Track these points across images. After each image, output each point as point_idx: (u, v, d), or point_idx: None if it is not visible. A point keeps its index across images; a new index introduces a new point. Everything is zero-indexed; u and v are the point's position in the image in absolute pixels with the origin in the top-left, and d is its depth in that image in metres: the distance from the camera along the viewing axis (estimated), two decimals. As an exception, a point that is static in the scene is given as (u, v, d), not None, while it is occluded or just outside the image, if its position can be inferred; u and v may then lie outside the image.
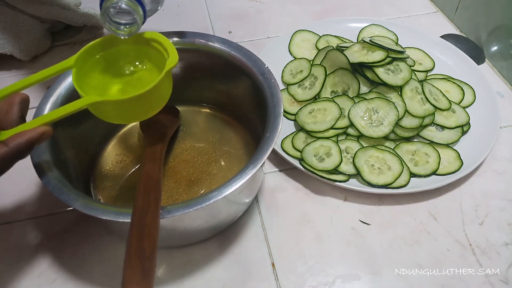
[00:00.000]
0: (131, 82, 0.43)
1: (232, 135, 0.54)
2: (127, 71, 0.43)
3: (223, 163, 0.51)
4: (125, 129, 0.55)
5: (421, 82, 0.57)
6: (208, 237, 0.47)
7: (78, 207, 0.37)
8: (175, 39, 0.50)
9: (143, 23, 0.41)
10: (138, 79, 0.43)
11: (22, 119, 0.36)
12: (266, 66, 0.47)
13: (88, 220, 0.49)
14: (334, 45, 0.63)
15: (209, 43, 0.50)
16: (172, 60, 0.39)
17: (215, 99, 0.57)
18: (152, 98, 0.39)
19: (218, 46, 0.50)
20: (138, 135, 0.55)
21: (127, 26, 0.40)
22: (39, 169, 0.39)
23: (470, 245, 0.47)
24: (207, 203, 0.36)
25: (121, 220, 0.36)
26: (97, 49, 0.42)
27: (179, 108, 0.56)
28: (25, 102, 0.37)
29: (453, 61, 0.65)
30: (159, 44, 0.41)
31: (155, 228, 0.35)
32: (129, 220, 0.35)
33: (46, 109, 0.44)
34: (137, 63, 0.43)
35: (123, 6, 0.39)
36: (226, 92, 0.54)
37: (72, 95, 0.46)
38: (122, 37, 0.41)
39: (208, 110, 0.57)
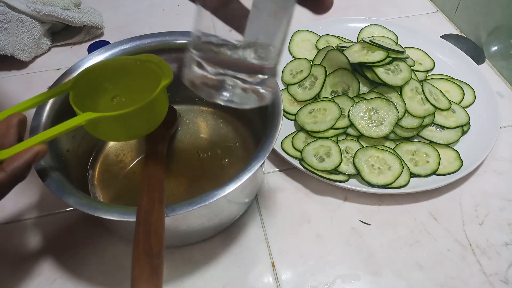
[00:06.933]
0: (129, 101, 0.44)
1: (231, 134, 0.54)
2: (124, 92, 0.44)
3: (223, 162, 0.51)
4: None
5: (421, 82, 0.57)
6: (208, 236, 0.47)
7: (81, 208, 0.37)
8: (175, 38, 0.50)
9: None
10: (135, 99, 0.43)
11: (20, 141, 0.36)
12: None
13: (88, 220, 0.49)
14: (334, 45, 0.63)
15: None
16: (167, 76, 0.40)
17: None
18: (148, 113, 0.40)
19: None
20: (138, 135, 0.55)
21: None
22: (41, 170, 0.39)
23: (470, 245, 0.47)
24: (211, 201, 0.37)
25: (125, 220, 0.36)
26: (94, 72, 0.42)
27: (178, 107, 0.56)
28: (22, 123, 0.37)
29: (453, 61, 0.65)
30: (155, 64, 0.42)
31: (161, 226, 0.35)
32: (134, 219, 0.35)
33: (45, 110, 0.44)
34: (134, 84, 0.44)
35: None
36: (226, 92, 0.54)
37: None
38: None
39: (207, 109, 0.57)
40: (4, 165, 0.34)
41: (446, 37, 0.70)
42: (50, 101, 0.45)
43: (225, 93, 0.25)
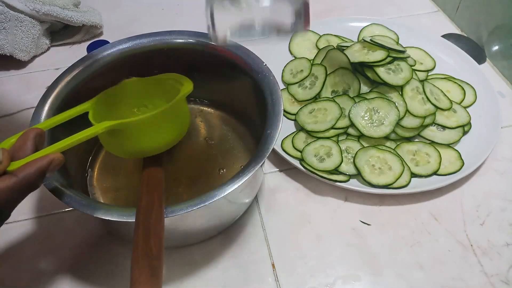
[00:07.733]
0: None
1: (231, 134, 0.54)
2: (144, 111, 0.44)
3: (222, 162, 0.51)
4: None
5: (422, 81, 0.57)
6: (208, 237, 0.47)
7: (80, 208, 0.37)
8: (174, 38, 0.50)
9: None
10: None
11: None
12: (264, 63, 0.47)
13: (88, 221, 0.48)
14: (335, 45, 0.63)
15: (207, 41, 0.50)
16: (187, 86, 0.40)
17: (214, 98, 0.57)
18: (166, 122, 0.39)
19: (216, 44, 0.50)
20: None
21: None
22: None
23: (471, 245, 0.46)
24: (211, 201, 0.36)
25: (124, 220, 0.36)
26: (113, 93, 0.42)
27: (179, 107, 0.56)
28: (39, 137, 0.36)
29: (454, 61, 0.65)
30: (174, 80, 0.42)
31: (160, 227, 0.35)
32: (133, 220, 0.35)
33: (44, 109, 0.44)
34: (154, 103, 0.44)
35: None
36: (225, 91, 0.54)
37: (70, 97, 0.46)
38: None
39: (207, 109, 0.57)
40: (16, 171, 0.32)
41: (447, 36, 0.70)
42: (50, 99, 0.45)
43: (258, 29, 0.26)
